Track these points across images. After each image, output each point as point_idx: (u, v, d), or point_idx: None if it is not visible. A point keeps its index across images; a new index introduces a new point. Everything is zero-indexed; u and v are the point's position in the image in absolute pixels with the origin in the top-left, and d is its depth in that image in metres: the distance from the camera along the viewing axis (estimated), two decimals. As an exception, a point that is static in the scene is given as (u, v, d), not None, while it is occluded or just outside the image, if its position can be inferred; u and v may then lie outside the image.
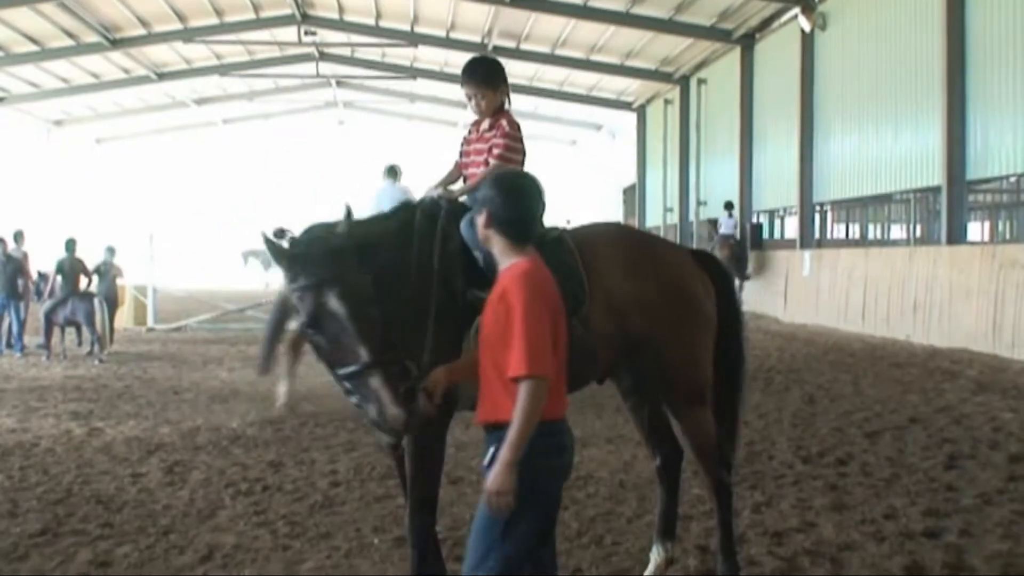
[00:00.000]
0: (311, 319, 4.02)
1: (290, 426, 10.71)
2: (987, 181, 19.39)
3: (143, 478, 8.38)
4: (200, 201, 54.26)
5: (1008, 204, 23.81)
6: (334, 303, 3.97)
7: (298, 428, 10.59)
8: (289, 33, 35.94)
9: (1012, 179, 19.33)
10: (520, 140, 5.63)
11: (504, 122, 5.63)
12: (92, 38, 32.35)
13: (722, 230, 28.27)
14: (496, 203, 3.96)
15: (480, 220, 4.01)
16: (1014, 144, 17.34)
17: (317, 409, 11.59)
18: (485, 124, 5.69)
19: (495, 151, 5.51)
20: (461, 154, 5.79)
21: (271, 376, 10.35)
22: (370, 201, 14.48)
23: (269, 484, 8.09)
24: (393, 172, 15.97)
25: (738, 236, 28.61)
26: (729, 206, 28.92)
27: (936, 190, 19.71)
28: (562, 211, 46.44)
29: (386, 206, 18.21)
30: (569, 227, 5.62)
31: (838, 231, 32.28)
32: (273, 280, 35.68)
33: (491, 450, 3.81)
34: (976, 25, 18.37)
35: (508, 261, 3.97)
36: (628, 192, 46.46)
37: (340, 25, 35.61)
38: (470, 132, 5.81)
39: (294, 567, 6.05)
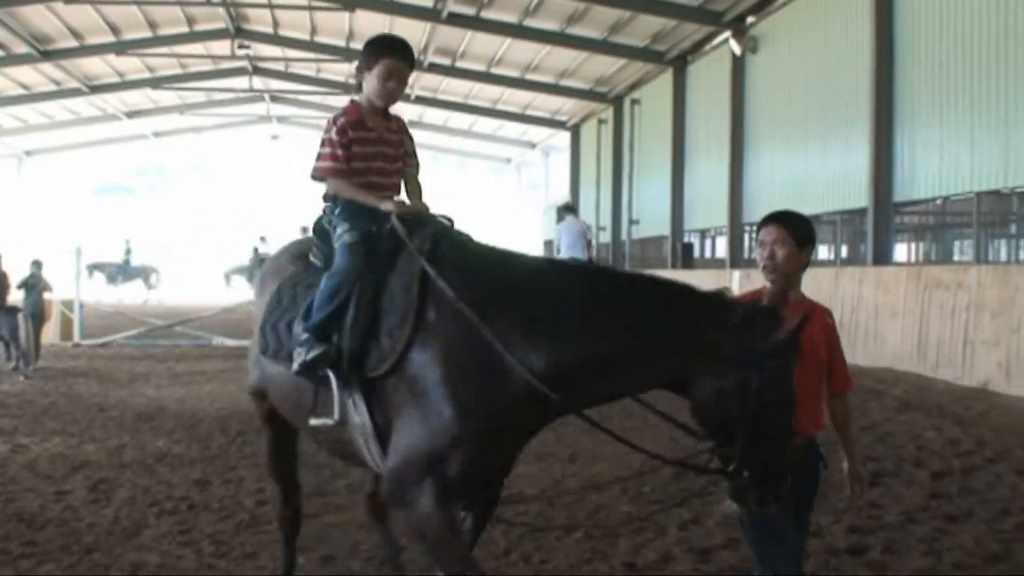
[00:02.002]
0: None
1: (217, 444, 10.59)
2: (913, 203, 19.76)
3: (67, 496, 8.24)
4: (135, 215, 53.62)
5: (933, 226, 24.26)
6: None
7: (225, 446, 10.47)
8: (223, 47, 35.77)
9: (938, 202, 19.69)
10: None
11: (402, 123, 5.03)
12: (23, 49, 31.95)
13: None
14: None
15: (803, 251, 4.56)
16: (940, 168, 17.71)
17: (244, 427, 11.47)
18: (379, 119, 4.84)
19: (414, 159, 4.98)
20: (341, 146, 4.66)
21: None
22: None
23: (195, 503, 7.98)
24: (571, 209, 17.93)
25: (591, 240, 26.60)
26: (570, 209, 27.22)
27: (863, 212, 20.05)
28: (496, 229, 46.64)
29: (565, 240, 19.40)
30: None
31: (768, 251, 32.58)
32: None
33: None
34: (904, 50, 18.76)
35: (797, 294, 4.50)
36: (561, 211, 46.66)
37: (274, 39, 35.52)
38: (353, 124, 4.73)
39: (220, 586, 5.99)
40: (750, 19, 25.51)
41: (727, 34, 26.15)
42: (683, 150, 31.09)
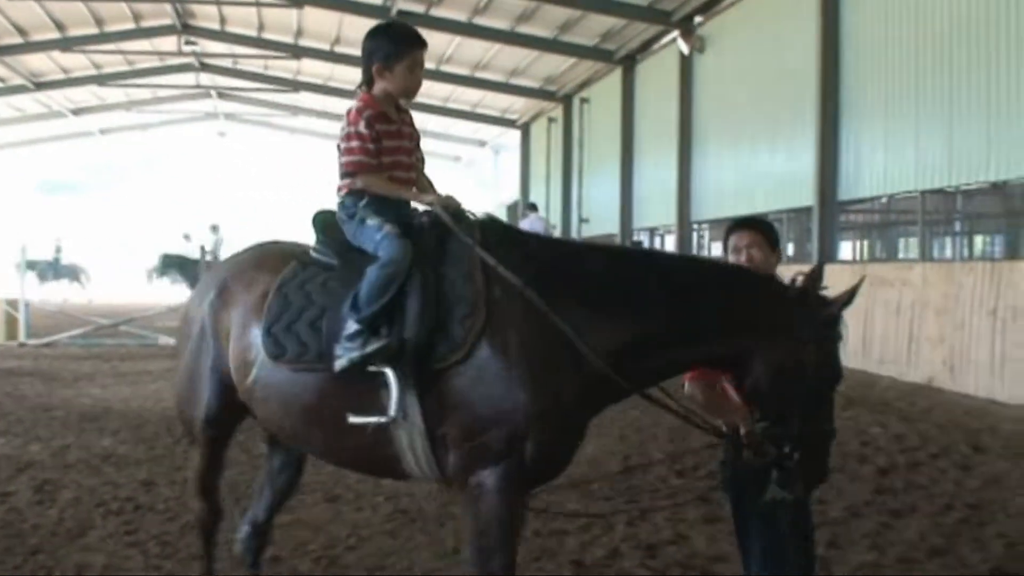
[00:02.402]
0: None
1: (163, 445, 10.49)
2: (858, 202, 19.99)
3: (12, 497, 8.13)
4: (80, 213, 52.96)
5: (879, 224, 24.57)
6: None
7: (171, 447, 10.37)
8: (170, 43, 35.42)
9: (883, 200, 19.94)
10: None
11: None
12: (-35, 46, 31.47)
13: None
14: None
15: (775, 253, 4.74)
16: (885, 167, 17.92)
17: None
18: (395, 112, 4.79)
19: (420, 153, 4.99)
20: (372, 139, 4.54)
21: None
22: None
23: (141, 504, 7.91)
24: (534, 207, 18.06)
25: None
26: (533, 207, 28.24)
27: (809, 210, 20.25)
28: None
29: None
30: None
31: (716, 250, 32.87)
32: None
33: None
34: (850, 51, 18.96)
35: None
36: (512, 209, 46.72)
37: (222, 36, 35.20)
38: (378, 117, 4.62)
39: (165, 587, 5.95)
40: (698, 19, 25.65)
41: (675, 34, 26.29)
42: (632, 149, 31.22)
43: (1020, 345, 12.92)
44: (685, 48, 25.75)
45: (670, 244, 29.35)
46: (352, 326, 4.18)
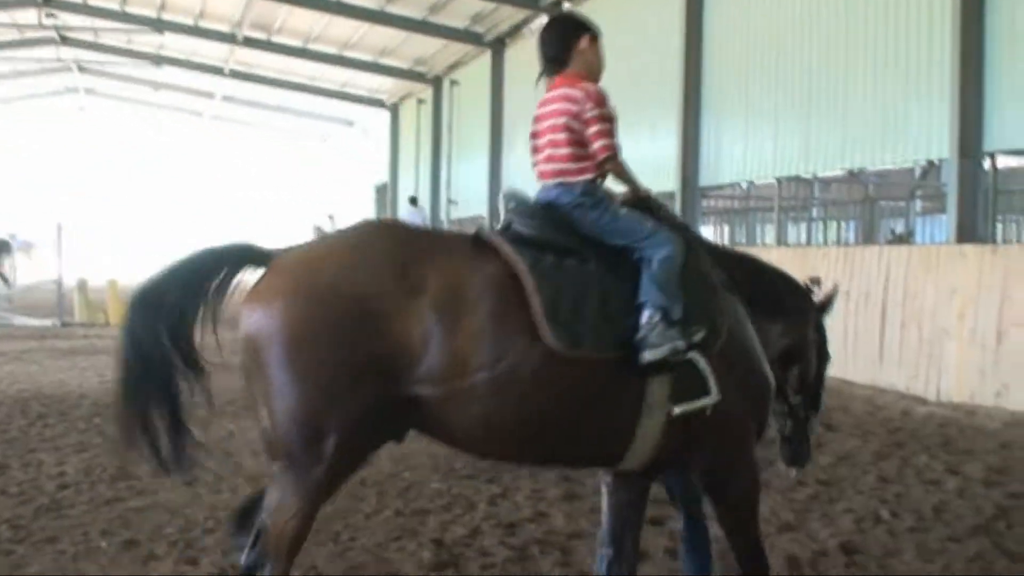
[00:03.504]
0: None
1: (16, 427, 10.15)
2: (719, 187, 20.46)
3: None
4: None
5: (739, 210, 25.11)
6: None
7: (25, 428, 10.05)
8: (29, 15, 34.21)
9: (743, 185, 20.45)
10: None
11: None
12: None
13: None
14: None
15: None
16: (744, 153, 18.40)
17: (45, 410, 11.06)
18: None
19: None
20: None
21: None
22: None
23: (-9, 487, 7.68)
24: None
25: None
26: (413, 201, 28.68)
27: (671, 195, 20.62)
28: (315, 208, 46.16)
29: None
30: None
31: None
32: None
33: None
34: (712, 39, 19.37)
35: None
36: (381, 190, 46.49)
37: (83, 9, 34.14)
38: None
39: (18, 571, 5.77)
40: (567, 4, 25.85)
41: (544, 17, 26.43)
42: (501, 132, 31.32)
43: (870, 327, 13.41)
44: (553, 32, 25.86)
45: (537, 227, 29.47)
46: (659, 316, 4.08)
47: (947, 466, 8.61)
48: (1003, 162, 15.04)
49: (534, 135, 4.82)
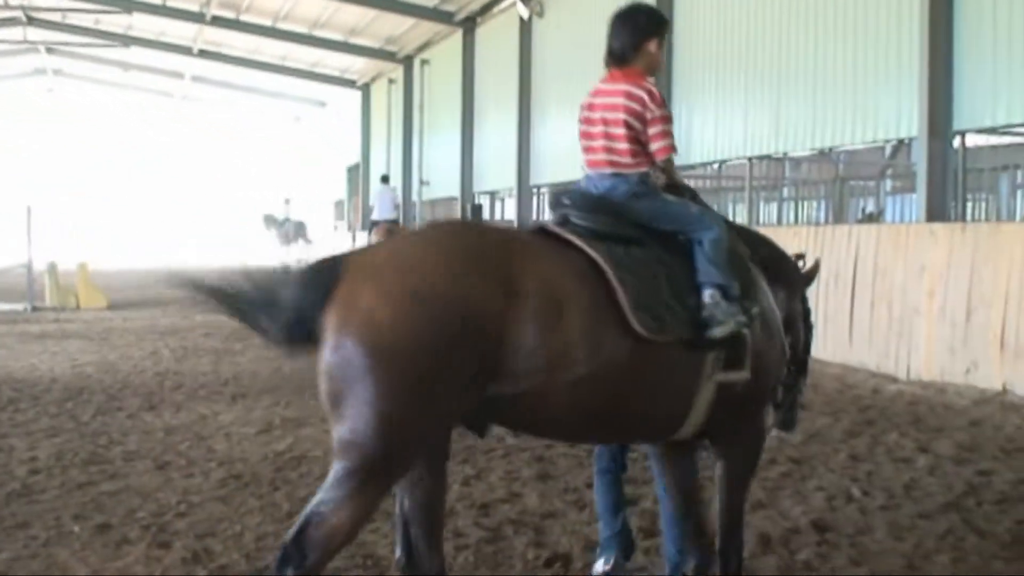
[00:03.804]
0: None
1: (-14, 410, 10.11)
2: (691, 167, 20.50)
3: None
4: None
5: (711, 189, 25.18)
6: None
7: (-6, 412, 10.01)
8: (-6, -4, 33.86)
9: (715, 166, 20.51)
10: None
11: None
12: None
13: (376, 215, 26.47)
14: None
15: None
16: (716, 133, 18.46)
17: (16, 394, 10.99)
18: None
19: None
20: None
21: None
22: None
23: (-39, 472, 7.62)
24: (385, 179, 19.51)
25: (399, 218, 27.74)
26: (385, 179, 28.59)
27: (644, 175, 20.64)
28: (284, 189, 45.90)
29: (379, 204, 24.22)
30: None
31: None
32: None
33: None
34: (683, 20, 19.36)
35: None
36: (352, 170, 46.30)
37: (50, -12, 33.80)
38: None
39: (-13, 557, 5.75)
40: (537, -17, 25.81)
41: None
42: (472, 112, 31.26)
43: (841, 306, 13.49)
44: (524, 12, 25.88)
45: (510, 208, 29.54)
46: (720, 294, 4.37)
47: (917, 444, 8.69)
48: (972, 141, 15.10)
49: (587, 122, 4.88)
